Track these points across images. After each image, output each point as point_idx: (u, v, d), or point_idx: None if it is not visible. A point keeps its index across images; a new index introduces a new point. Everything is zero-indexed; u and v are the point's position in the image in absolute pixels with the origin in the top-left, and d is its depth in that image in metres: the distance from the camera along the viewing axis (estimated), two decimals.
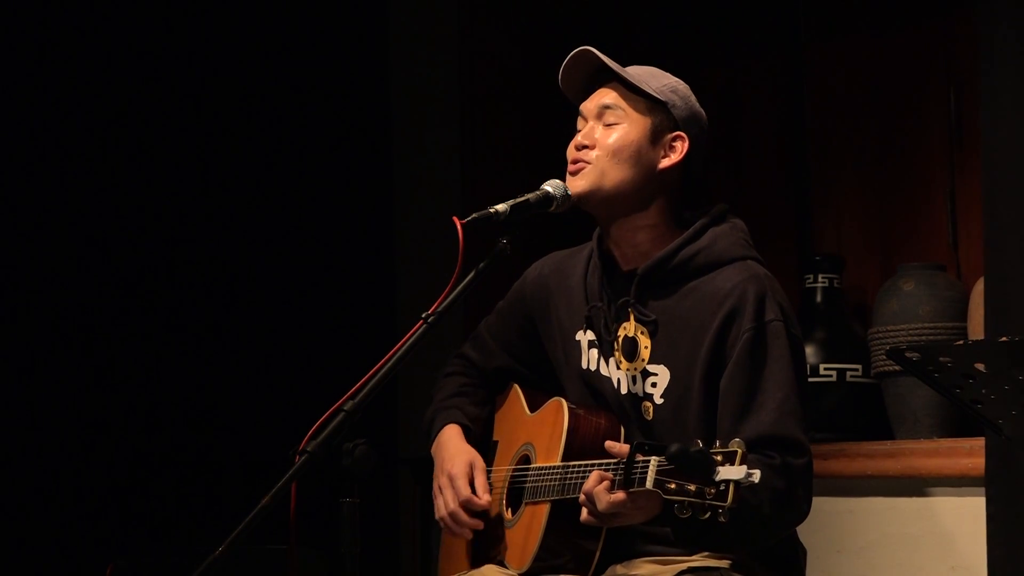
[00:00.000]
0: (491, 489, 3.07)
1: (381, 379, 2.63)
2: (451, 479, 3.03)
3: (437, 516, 3.07)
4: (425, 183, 5.03)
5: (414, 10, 5.07)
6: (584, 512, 2.72)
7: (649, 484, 2.53)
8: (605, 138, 2.93)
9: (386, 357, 2.66)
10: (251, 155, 4.71)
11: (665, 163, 2.96)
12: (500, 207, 2.83)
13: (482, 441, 3.19)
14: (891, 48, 4.42)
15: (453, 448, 3.09)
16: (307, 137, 4.83)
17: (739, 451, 2.48)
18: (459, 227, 2.74)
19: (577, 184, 2.92)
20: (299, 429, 2.59)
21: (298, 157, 4.81)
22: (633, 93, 2.95)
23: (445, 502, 3.03)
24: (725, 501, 2.47)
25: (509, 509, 3.04)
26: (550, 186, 2.92)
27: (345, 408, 2.57)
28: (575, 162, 2.94)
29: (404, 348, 2.68)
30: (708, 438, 2.78)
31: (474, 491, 3.02)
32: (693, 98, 3.01)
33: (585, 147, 2.93)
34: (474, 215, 2.80)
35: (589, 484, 2.69)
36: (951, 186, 4.28)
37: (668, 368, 2.90)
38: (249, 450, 4.49)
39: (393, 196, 5.08)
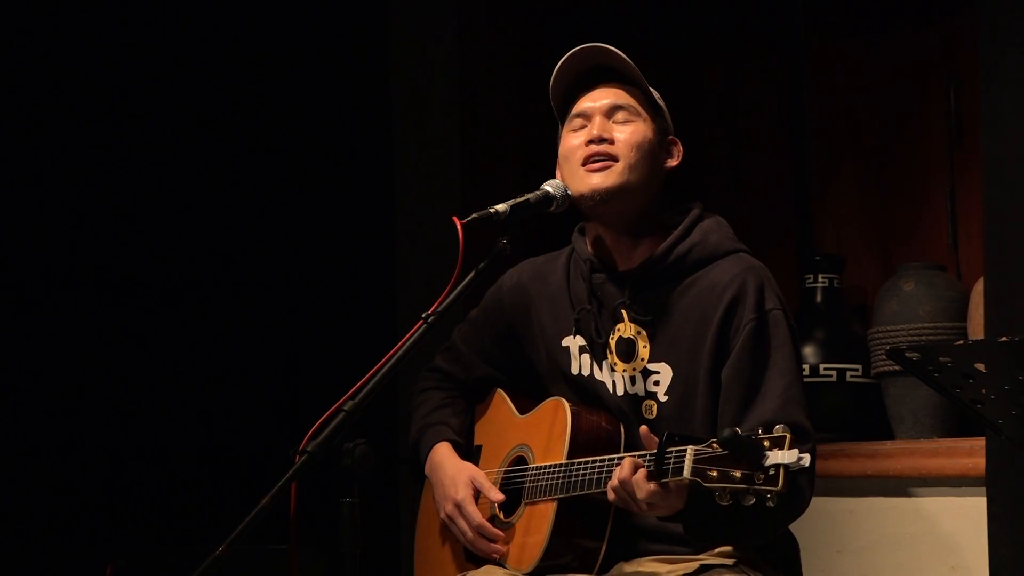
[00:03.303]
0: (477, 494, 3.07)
1: (381, 379, 2.63)
2: (459, 507, 3.02)
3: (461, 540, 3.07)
4: (425, 183, 5.03)
5: (414, 10, 5.06)
6: (611, 494, 2.71)
7: (687, 473, 2.53)
8: (622, 133, 2.93)
9: (386, 357, 2.66)
10: (252, 156, 4.70)
11: (671, 163, 2.99)
12: (500, 207, 2.83)
13: (464, 448, 3.18)
14: (891, 48, 4.42)
15: (450, 468, 3.08)
16: (308, 137, 4.83)
17: (788, 436, 2.49)
18: (459, 227, 2.74)
19: (601, 181, 2.91)
20: (299, 429, 2.58)
21: (299, 157, 4.81)
22: (638, 94, 2.97)
23: (461, 531, 3.03)
24: (776, 486, 2.47)
25: (502, 511, 3.03)
26: (550, 186, 2.92)
27: (345, 408, 2.57)
28: (595, 156, 2.92)
29: (404, 348, 2.68)
30: (715, 430, 2.79)
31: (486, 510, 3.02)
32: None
33: (604, 140, 2.92)
34: (474, 215, 2.80)
35: (625, 472, 2.68)
36: (951, 186, 4.27)
37: (670, 365, 2.90)
38: (249, 450, 4.49)
39: (393, 196, 5.08)
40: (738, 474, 2.49)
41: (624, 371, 2.94)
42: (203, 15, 4.61)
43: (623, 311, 2.94)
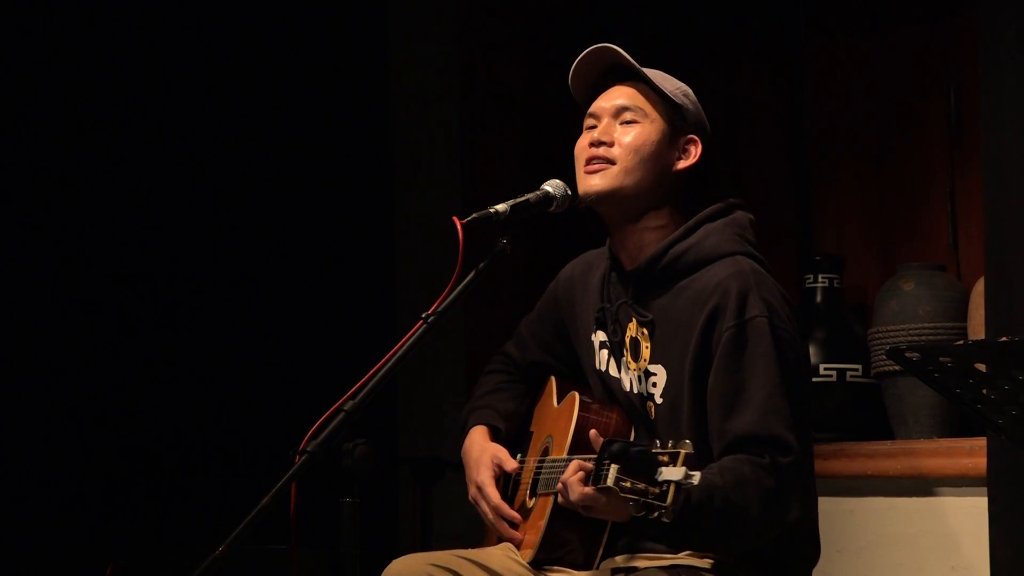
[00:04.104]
0: (519, 479, 3.10)
1: (381, 379, 2.63)
2: (480, 489, 3.06)
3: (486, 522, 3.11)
4: (425, 183, 5.03)
5: (414, 10, 5.07)
6: (559, 496, 2.74)
7: (610, 481, 2.53)
8: (625, 136, 2.92)
9: (386, 357, 2.66)
10: (252, 156, 4.71)
11: (681, 165, 2.96)
12: (500, 207, 2.83)
13: (520, 432, 3.20)
14: (891, 48, 4.42)
15: (476, 451, 3.11)
16: (308, 137, 4.83)
17: (682, 452, 2.47)
18: (459, 227, 2.74)
19: (598, 183, 2.91)
20: (299, 429, 2.59)
21: (299, 157, 4.81)
22: (651, 94, 2.95)
23: (483, 513, 3.07)
24: (665, 501, 2.46)
25: (532, 499, 3.06)
26: (550, 186, 2.92)
27: (345, 408, 2.58)
28: (594, 159, 2.92)
29: (404, 348, 2.68)
30: (701, 437, 2.79)
31: (508, 481, 3.05)
32: (695, 99, 3.02)
33: (603, 144, 2.92)
34: (474, 215, 2.80)
35: (567, 473, 2.71)
36: (951, 186, 4.27)
37: (665, 368, 2.90)
38: (249, 450, 4.49)
39: (393, 196, 5.08)
40: (642, 487, 2.49)
41: (634, 370, 2.95)
42: (202, 15, 4.61)
43: (629, 310, 2.95)
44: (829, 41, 4.54)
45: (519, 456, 3.15)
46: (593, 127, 2.96)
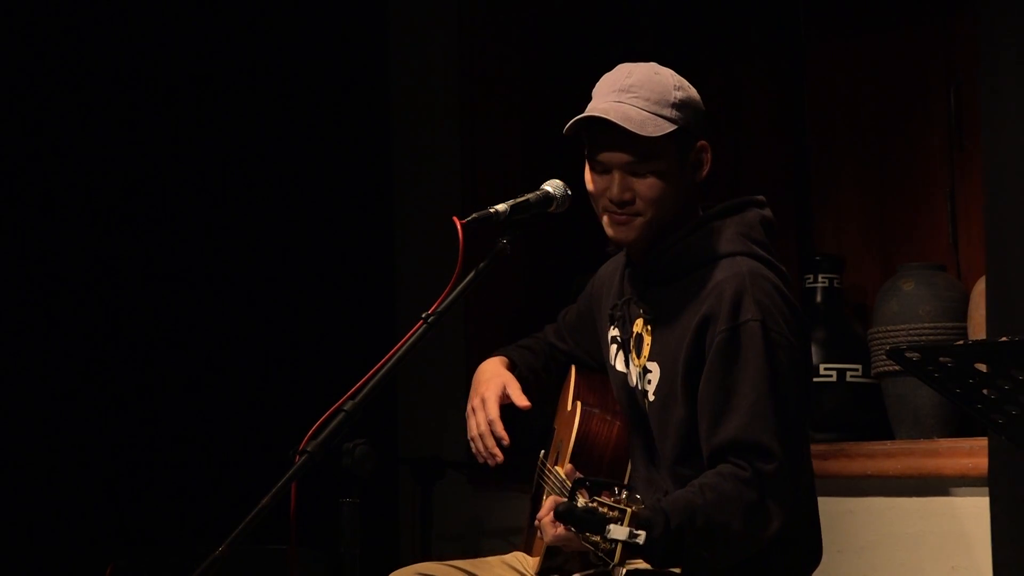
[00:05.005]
0: (546, 481, 3.09)
1: (381, 379, 2.63)
2: (484, 401, 3.04)
3: (469, 436, 3.07)
4: (425, 183, 5.03)
5: (414, 10, 5.07)
6: (538, 533, 2.74)
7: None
8: (643, 187, 2.86)
9: (386, 357, 2.66)
10: (252, 156, 4.71)
11: (700, 177, 2.93)
12: (500, 207, 2.82)
13: (547, 426, 3.21)
14: (891, 48, 4.42)
15: (489, 372, 3.11)
16: (307, 138, 4.84)
17: (628, 511, 2.43)
18: (459, 227, 2.74)
19: (628, 234, 2.89)
20: (299, 429, 2.59)
21: (298, 158, 4.82)
22: (654, 139, 2.87)
23: (477, 423, 3.04)
24: (612, 559, 2.44)
25: None
26: (550, 186, 2.92)
27: (345, 408, 2.58)
28: (621, 215, 2.88)
29: (404, 348, 2.68)
30: (690, 437, 2.80)
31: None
32: (690, 91, 2.92)
33: (624, 203, 2.88)
34: (474, 215, 2.79)
35: (542, 511, 2.71)
36: (951, 186, 4.27)
37: (660, 366, 2.90)
38: (249, 450, 4.49)
39: (393, 196, 5.08)
40: (596, 539, 2.46)
41: (636, 366, 2.95)
42: (203, 15, 4.61)
43: (634, 307, 2.95)
44: (829, 41, 4.54)
45: (543, 452, 3.15)
46: (604, 172, 2.89)
